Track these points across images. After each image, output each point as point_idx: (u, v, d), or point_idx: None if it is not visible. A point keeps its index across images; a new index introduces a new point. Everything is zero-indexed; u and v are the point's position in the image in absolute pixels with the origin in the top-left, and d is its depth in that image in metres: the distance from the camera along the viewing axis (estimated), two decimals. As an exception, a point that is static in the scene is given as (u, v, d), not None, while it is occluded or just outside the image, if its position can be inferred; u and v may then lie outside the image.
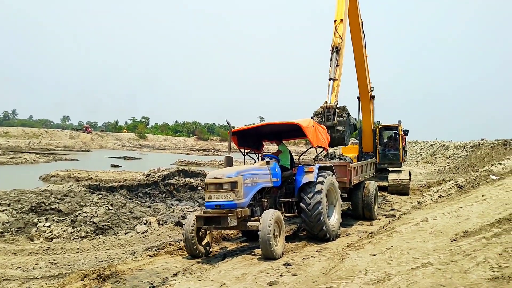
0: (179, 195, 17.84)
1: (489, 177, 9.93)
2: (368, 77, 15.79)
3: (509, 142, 25.76)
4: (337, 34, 10.80)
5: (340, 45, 10.88)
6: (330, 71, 10.56)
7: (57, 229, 10.02)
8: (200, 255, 7.24)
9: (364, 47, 14.81)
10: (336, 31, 10.87)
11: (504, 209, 6.26)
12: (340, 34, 10.86)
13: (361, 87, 15.84)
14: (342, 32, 10.89)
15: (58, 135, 79.73)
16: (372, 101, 16.63)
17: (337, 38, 10.77)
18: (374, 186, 11.45)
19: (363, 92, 15.94)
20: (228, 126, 8.70)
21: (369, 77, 15.88)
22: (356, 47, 14.63)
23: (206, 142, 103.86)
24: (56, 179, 23.26)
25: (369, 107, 16.47)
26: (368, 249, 6.16)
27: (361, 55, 14.76)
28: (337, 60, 10.64)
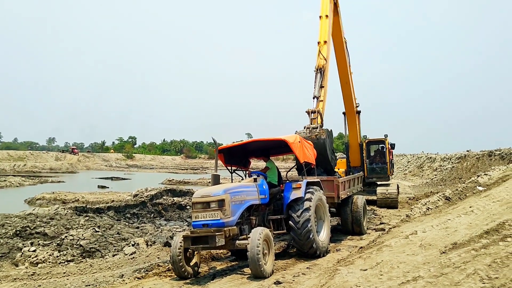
0: (168, 215, 17.62)
1: (476, 188, 10.01)
2: (353, 93, 15.95)
3: (494, 153, 26.10)
4: (321, 56, 10.87)
5: (324, 66, 10.88)
6: (314, 91, 10.57)
7: (42, 254, 9.80)
8: (189, 276, 7.12)
9: (348, 65, 14.98)
10: (320, 53, 10.96)
11: (491, 220, 6.29)
12: (324, 56, 10.90)
13: (346, 103, 15.98)
14: (326, 54, 10.96)
15: (43, 157, 78.71)
16: (358, 116, 16.78)
17: (321, 60, 10.82)
18: (362, 200, 11.46)
19: (348, 108, 16.09)
20: (214, 144, 8.66)
21: (354, 94, 16.03)
22: (340, 66, 14.80)
23: (194, 160, 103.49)
24: (42, 202, 22.88)
25: (355, 122, 16.61)
26: (359, 264, 6.13)
27: (346, 73, 14.91)
28: (322, 82, 10.64)
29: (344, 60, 14.65)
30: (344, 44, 14.64)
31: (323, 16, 11.85)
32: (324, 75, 10.74)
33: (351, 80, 15.46)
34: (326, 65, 10.92)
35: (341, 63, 14.71)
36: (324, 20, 11.80)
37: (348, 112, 16.28)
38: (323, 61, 10.84)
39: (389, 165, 17.77)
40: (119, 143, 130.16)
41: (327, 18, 11.77)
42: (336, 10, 13.49)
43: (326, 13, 11.86)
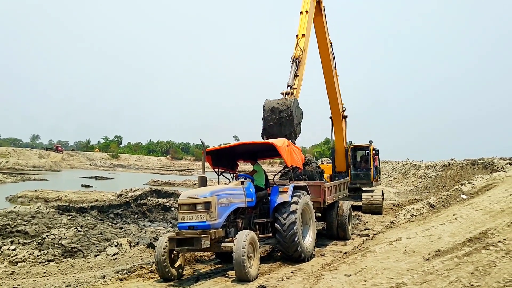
0: (152, 216, 17.48)
1: (460, 197, 10.15)
2: (340, 97, 16.00)
3: (477, 162, 26.47)
4: (298, 47, 11.13)
5: (300, 57, 11.14)
6: (289, 80, 10.80)
7: (22, 253, 9.63)
8: (173, 278, 7.06)
9: (333, 68, 15.01)
10: (298, 45, 11.23)
11: (474, 228, 6.37)
12: (301, 47, 11.20)
13: (332, 107, 16.04)
14: (303, 46, 11.28)
15: (27, 155, 77.51)
16: (345, 121, 16.84)
17: (297, 51, 11.13)
18: (348, 205, 11.51)
19: (334, 112, 16.15)
20: (202, 146, 8.62)
21: (340, 98, 16.09)
22: (325, 68, 14.85)
23: (180, 161, 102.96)
24: (23, 200, 22.51)
25: (341, 127, 16.67)
26: (343, 269, 6.15)
27: (331, 76, 14.97)
28: (296, 71, 10.87)
29: (328, 62, 14.74)
30: (329, 46, 14.68)
31: (303, 12, 12.12)
32: (300, 65, 11.00)
33: (337, 83, 15.50)
34: (302, 56, 11.20)
35: (326, 64, 14.78)
36: (304, 15, 12.07)
37: (334, 116, 16.35)
38: (300, 52, 11.14)
39: (372, 171, 17.91)
40: (104, 142, 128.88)
41: (307, 14, 12.05)
42: (319, 9, 13.59)
43: (306, 9, 12.13)
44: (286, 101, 8.80)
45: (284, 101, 8.83)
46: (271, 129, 8.84)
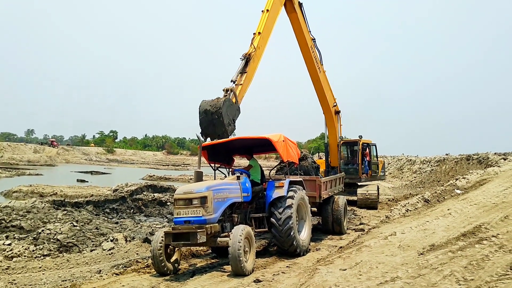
0: (148, 211, 17.46)
1: (454, 191, 10.19)
2: (330, 92, 15.81)
3: (472, 157, 26.60)
4: (252, 45, 10.95)
5: (251, 54, 10.91)
6: (234, 76, 10.49)
7: (18, 247, 9.60)
8: (169, 272, 7.09)
9: (316, 63, 14.70)
10: (252, 42, 11.05)
11: (468, 222, 6.41)
12: (255, 45, 11.01)
13: (321, 102, 15.92)
14: (256, 44, 11.06)
15: (21, 149, 77.06)
16: (337, 116, 16.70)
17: (250, 48, 10.91)
18: (343, 200, 11.57)
19: (324, 107, 16.05)
20: (198, 141, 8.62)
21: (331, 93, 15.92)
22: (307, 63, 14.65)
23: (176, 156, 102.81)
24: (18, 194, 22.39)
25: (333, 122, 16.55)
26: (338, 264, 6.18)
27: (314, 71, 14.77)
28: (245, 68, 10.63)
29: (310, 58, 14.53)
30: (311, 42, 14.48)
31: (264, 10, 11.90)
32: (251, 63, 10.81)
33: (324, 78, 15.17)
34: (255, 53, 11.01)
35: (307, 60, 14.59)
36: (265, 13, 11.84)
37: (325, 111, 16.22)
38: (252, 49, 10.96)
39: (360, 166, 17.92)
40: (99, 137, 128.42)
41: (267, 12, 11.78)
42: (292, 6, 13.39)
43: (267, 7, 11.90)
44: (217, 103, 8.86)
45: (215, 103, 8.89)
46: (206, 130, 8.96)
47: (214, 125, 8.89)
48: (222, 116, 8.85)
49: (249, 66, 10.73)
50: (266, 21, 11.68)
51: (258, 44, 11.16)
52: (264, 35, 11.57)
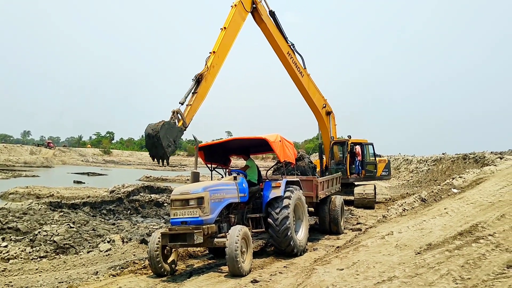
0: (145, 212, 17.43)
1: (451, 191, 10.23)
2: (317, 94, 15.64)
3: (468, 156, 26.67)
4: (205, 65, 10.74)
5: (204, 75, 10.73)
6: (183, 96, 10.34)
7: (14, 249, 9.56)
8: (166, 273, 7.07)
9: (298, 68, 14.62)
10: (206, 62, 10.81)
11: (465, 221, 6.43)
12: (208, 64, 10.84)
13: (309, 105, 15.84)
14: (210, 63, 10.88)
15: (18, 151, 76.72)
16: (329, 117, 16.63)
17: (204, 68, 10.70)
18: (340, 200, 11.58)
19: (313, 109, 16.01)
20: (194, 141, 8.62)
21: (318, 94, 15.78)
22: (288, 70, 14.47)
23: (173, 157, 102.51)
24: (15, 196, 22.30)
25: (324, 123, 16.53)
26: (335, 264, 6.18)
27: (296, 77, 14.65)
28: (196, 89, 10.50)
29: (289, 64, 14.38)
30: (287, 49, 14.23)
31: (223, 28, 11.65)
32: (202, 82, 10.66)
33: (307, 81, 15.13)
34: (207, 73, 10.83)
35: (287, 67, 14.52)
36: (222, 32, 11.60)
37: (315, 113, 16.16)
38: (205, 69, 10.78)
39: (348, 166, 17.88)
40: (96, 138, 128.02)
41: (224, 31, 11.55)
42: (259, 18, 13.11)
43: (225, 25, 11.68)
44: (156, 127, 9.08)
45: (155, 126, 9.11)
46: (150, 152, 9.23)
47: (155, 147, 9.17)
48: (161, 139, 9.11)
49: (200, 86, 10.65)
50: (222, 40, 11.50)
51: (212, 63, 11.01)
52: (220, 53, 11.44)
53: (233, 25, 11.93)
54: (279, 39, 13.77)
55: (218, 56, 11.33)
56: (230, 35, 11.83)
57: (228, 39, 11.76)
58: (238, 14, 12.03)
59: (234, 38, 12.01)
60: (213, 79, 11.18)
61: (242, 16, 12.19)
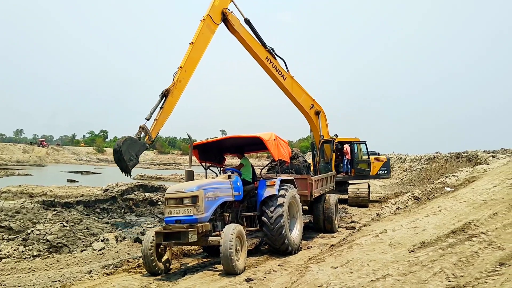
0: (139, 211, 17.40)
1: (444, 189, 10.28)
2: (304, 95, 15.66)
3: (461, 155, 26.84)
4: (173, 81, 10.98)
5: (169, 90, 11.01)
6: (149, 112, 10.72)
7: (7, 248, 9.52)
8: (160, 272, 7.05)
9: (280, 72, 14.66)
10: (173, 77, 11.03)
11: (458, 219, 6.47)
12: (174, 79, 11.04)
13: (296, 106, 15.90)
14: (176, 78, 11.05)
15: (10, 149, 76.24)
16: (318, 116, 16.56)
17: (171, 83, 10.98)
18: (334, 198, 11.60)
19: (301, 110, 15.96)
20: (189, 140, 8.60)
21: (305, 95, 15.77)
22: (269, 75, 14.64)
23: (167, 156, 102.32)
24: (7, 195, 22.14)
25: (313, 122, 16.53)
26: (329, 262, 6.20)
27: (278, 81, 14.72)
28: (162, 104, 10.86)
29: (268, 69, 14.45)
30: (266, 54, 14.26)
31: (190, 43, 11.80)
32: (168, 97, 10.95)
33: (290, 84, 15.07)
34: (174, 88, 11.10)
35: (267, 71, 14.54)
36: (190, 46, 11.75)
37: (303, 113, 16.19)
38: (171, 85, 11.03)
39: (333, 165, 17.86)
40: (90, 137, 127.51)
41: (192, 45, 11.69)
42: (232, 28, 13.25)
43: (193, 40, 11.87)
44: (120, 142, 9.86)
45: (119, 142, 9.87)
46: (117, 164, 9.87)
47: (120, 160, 9.86)
48: (123, 153, 9.83)
49: (166, 102, 10.92)
50: (190, 54, 11.68)
51: (178, 78, 11.23)
52: (187, 68, 11.63)
53: (202, 39, 12.17)
54: (255, 46, 13.91)
55: (185, 70, 11.56)
56: (198, 49, 12.09)
57: (196, 53, 12.01)
58: (206, 27, 12.28)
59: (202, 52, 12.28)
60: (180, 94, 11.43)
61: (211, 29, 12.42)
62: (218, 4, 12.67)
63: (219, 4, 12.69)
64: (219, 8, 12.69)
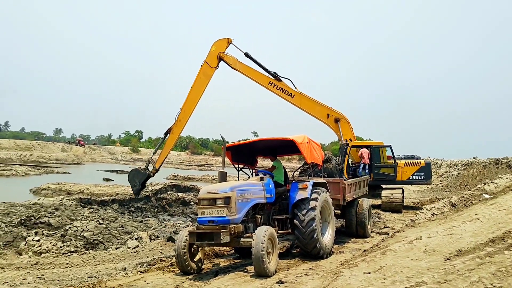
0: (172, 210, 17.67)
1: (482, 196, 9.96)
2: (318, 107, 16.19)
3: (501, 161, 25.90)
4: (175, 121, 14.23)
5: (171, 128, 14.31)
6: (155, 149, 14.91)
7: (46, 243, 9.87)
8: (192, 271, 7.15)
9: (287, 91, 15.72)
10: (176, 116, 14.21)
11: (497, 228, 6.26)
12: (176, 119, 14.23)
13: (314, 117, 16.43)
14: (177, 118, 14.26)
15: (50, 148, 79.02)
16: (337, 124, 16.50)
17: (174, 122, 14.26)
18: (367, 203, 11.44)
19: (320, 120, 16.43)
20: (222, 141, 8.70)
21: (319, 106, 16.21)
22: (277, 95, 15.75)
23: (200, 156, 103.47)
24: (47, 192, 22.97)
25: (335, 129, 16.55)
26: (362, 267, 6.12)
27: (287, 98, 15.74)
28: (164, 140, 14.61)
29: (273, 91, 15.59)
30: (269, 79, 15.47)
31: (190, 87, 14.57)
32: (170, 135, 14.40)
33: (300, 99, 15.90)
34: (174, 126, 14.27)
35: (274, 93, 15.67)
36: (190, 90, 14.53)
37: (324, 122, 16.44)
38: (174, 123, 14.25)
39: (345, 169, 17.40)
40: (125, 137, 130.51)
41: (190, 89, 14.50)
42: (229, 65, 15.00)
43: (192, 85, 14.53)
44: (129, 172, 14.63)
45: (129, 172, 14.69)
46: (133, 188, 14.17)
47: (131, 186, 14.16)
48: (129, 181, 14.21)
49: (168, 138, 14.47)
50: (188, 97, 14.45)
51: (179, 118, 14.30)
52: (186, 109, 14.45)
53: (199, 83, 14.70)
54: (255, 77, 15.50)
55: (184, 111, 14.45)
56: (196, 92, 14.64)
57: (194, 96, 14.65)
58: (202, 74, 14.73)
59: (200, 94, 14.75)
60: (179, 131, 14.69)
61: (207, 75, 14.81)
62: (214, 50, 14.87)
63: (216, 50, 14.87)
64: (215, 53, 14.86)
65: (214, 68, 14.82)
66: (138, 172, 14.23)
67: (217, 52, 14.84)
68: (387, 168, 18.01)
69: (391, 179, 17.99)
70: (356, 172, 16.99)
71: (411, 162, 18.96)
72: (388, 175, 17.93)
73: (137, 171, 14.32)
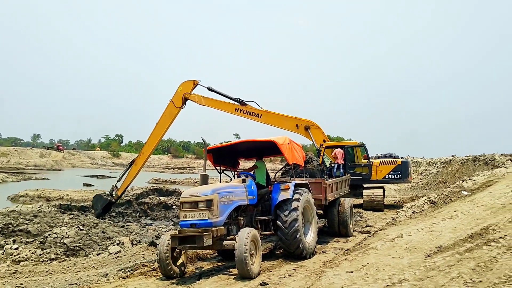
0: (153, 214, 17.51)
1: (461, 193, 10.13)
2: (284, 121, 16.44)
3: (478, 158, 26.40)
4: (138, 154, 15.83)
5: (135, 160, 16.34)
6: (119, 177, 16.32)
7: (25, 251, 9.67)
8: (175, 275, 7.10)
9: (253, 113, 16.31)
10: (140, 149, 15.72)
11: (475, 224, 6.37)
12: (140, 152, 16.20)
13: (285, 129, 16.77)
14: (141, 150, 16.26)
15: (28, 154, 77.39)
16: (308, 131, 16.53)
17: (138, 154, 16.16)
18: (349, 202, 11.54)
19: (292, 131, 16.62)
20: (203, 144, 8.66)
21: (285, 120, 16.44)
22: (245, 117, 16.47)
23: (181, 159, 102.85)
24: (25, 199, 22.51)
25: (307, 137, 16.69)
26: (345, 266, 6.16)
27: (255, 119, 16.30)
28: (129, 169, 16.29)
29: (240, 115, 16.39)
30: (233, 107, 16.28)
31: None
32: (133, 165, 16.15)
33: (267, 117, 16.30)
34: (138, 158, 16.31)
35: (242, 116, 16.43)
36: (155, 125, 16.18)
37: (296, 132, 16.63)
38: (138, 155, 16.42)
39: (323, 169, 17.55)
40: (105, 141, 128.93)
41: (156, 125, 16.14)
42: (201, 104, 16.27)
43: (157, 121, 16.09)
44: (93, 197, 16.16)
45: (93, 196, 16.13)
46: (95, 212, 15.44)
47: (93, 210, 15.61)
48: (92, 204, 15.77)
49: (131, 168, 16.10)
50: (153, 132, 16.11)
51: (143, 150, 16.17)
52: (150, 143, 16.28)
53: (164, 121, 16.13)
54: (221, 107, 16.58)
55: (148, 145, 16.32)
56: (161, 128, 16.13)
57: (159, 131, 16.19)
58: (168, 112, 16.05)
59: (164, 130, 16.23)
60: (142, 163, 16.28)
61: (171, 113, 16.09)
62: (180, 91, 16.08)
63: (182, 90, 16.07)
64: (181, 94, 16.14)
65: (179, 108, 16.07)
66: (101, 197, 15.72)
67: (183, 92, 16.03)
68: (361, 168, 17.86)
69: (366, 179, 17.79)
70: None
71: (387, 161, 18.69)
72: (362, 175, 17.72)
73: (100, 196, 15.82)
